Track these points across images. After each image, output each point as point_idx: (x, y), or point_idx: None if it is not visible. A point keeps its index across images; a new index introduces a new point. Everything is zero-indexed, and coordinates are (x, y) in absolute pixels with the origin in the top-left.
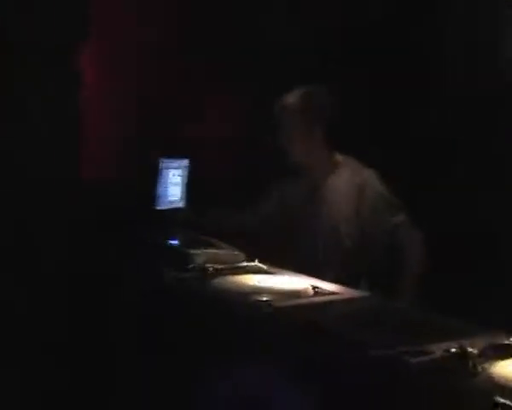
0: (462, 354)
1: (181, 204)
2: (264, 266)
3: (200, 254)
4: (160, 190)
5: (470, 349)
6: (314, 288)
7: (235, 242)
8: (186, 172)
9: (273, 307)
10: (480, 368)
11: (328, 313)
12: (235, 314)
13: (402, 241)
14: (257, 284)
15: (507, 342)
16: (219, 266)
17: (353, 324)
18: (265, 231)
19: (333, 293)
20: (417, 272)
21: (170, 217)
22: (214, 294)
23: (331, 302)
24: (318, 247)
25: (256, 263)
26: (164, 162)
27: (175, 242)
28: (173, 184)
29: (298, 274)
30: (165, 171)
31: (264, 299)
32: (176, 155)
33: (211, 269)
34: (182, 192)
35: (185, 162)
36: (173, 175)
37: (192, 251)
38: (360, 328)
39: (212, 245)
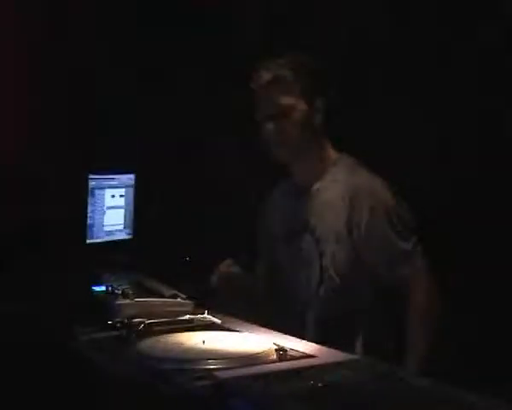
0: None
1: (125, 234)
2: (217, 320)
3: (130, 306)
4: (91, 216)
5: None
6: (279, 350)
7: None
8: (132, 192)
9: (217, 380)
10: None
11: (292, 387)
12: (163, 391)
13: (408, 280)
14: (201, 345)
15: None
16: (155, 321)
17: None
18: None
19: (304, 356)
20: (427, 340)
21: (106, 253)
22: (136, 361)
23: (298, 371)
24: (299, 284)
25: (206, 315)
26: (96, 180)
27: (100, 288)
28: (112, 209)
29: (262, 330)
30: (98, 191)
31: (206, 367)
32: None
33: (142, 326)
34: (126, 218)
35: (130, 178)
36: (112, 196)
37: (118, 301)
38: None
39: (153, 292)
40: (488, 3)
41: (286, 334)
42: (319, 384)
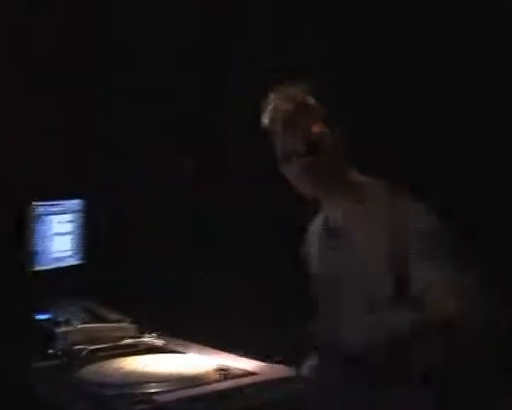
0: None
1: (74, 260)
2: (160, 343)
3: (73, 333)
4: (37, 244)
5: None
6: (221, 369)
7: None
8: (80, 217)
9: (156, 403)
10: None
11: (233, 405)
12: None
13: None
14: (142, 368)
15: None
16: (98, 347)
17: None
18: None
19: (246, 374)
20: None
21: (54, 280)
22: (76, 389)
23: (239, 389)
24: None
25: (149, 338)
26: (40, 207)
27: (44, 316)
28: (59, 235)
29: (207, 350)
30: (44, 218)
31: (146, 391)
32: (62, 196)
33: (84, 352)
34: (74, 245)
35: (76, 204)
36: (59, 223)
37: (60, 329)
38: None
39: (99, 319)
40: None
41: None
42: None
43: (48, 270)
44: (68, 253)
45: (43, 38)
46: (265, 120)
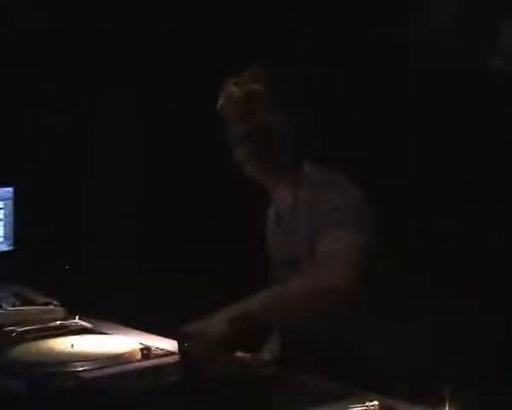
0: None
1: (6, 246)
2: (88, 324)
3: (3, 315)
4: None
5: None
6: (144, 349)
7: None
8: (11, 205)
9: (80, 379)
10: None
11: (143, 383)
12: (32, 392)
13: None
14: (70, 348)
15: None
16: (27, 329)
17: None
18: None
19: (167, 354)
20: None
21: None
22: (6, 368)
23: (157, 367)
24: None
25: (77, 320)
26: None
27: None
28: None
29: (131, 331)
30: None
31: (73, 369)
32: None
33: (14, 333)
34: (5, 231)
35: (8, 191)
36: None
37: None
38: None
39: (29, 301)
40: None
41: None
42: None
43: None
44: (1, 239)
45: None
46: (219, 104)
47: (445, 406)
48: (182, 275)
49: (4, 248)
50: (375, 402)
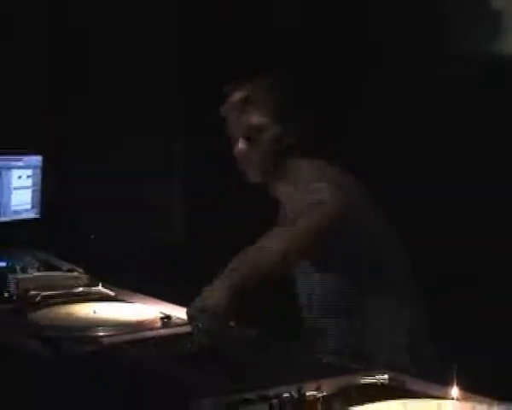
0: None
1: (33, 214)
2: (110, 292)
3: (27, 279)
4: None
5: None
6: (164, 317)
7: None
8: (40, 173)
9: (101, 344)
10: None
11: (163, 350)
12: (49, 357)
13: None
14: (92, 314)
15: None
16: (51, 293)
17: (184, 364)
18: None
19: (186, 324)
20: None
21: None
22: (27, 331)
23: (177, 336)
24: None
25: (100, 288)
26: (2, 161)
27: (1, 264)
28: (19, 189)
29: (153, 300)
30: (4, 171)
31: (93, 334)
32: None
33: (38, 297)
34: (33, 199)
35: (37, 160)
36: (19, 177)
37: (14, 275)
38: (190, 369)
39: (51, 267)
40: None
41: None
42: (195, 348)
43: (7, 222)
44: (27, 206)
45: None
46: (221, 110)
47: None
48: (207, 246)
49: (32, 215)
50: (385, 375)
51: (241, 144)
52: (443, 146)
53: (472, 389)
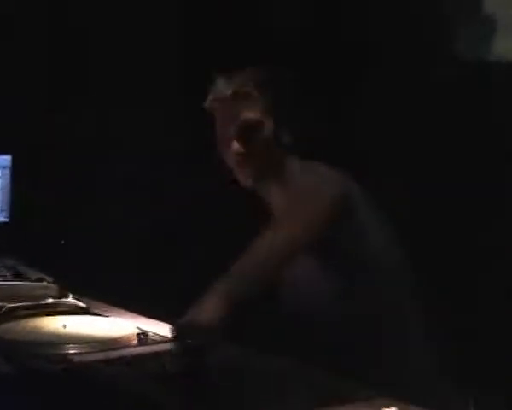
0: None
1: (1, 217)
2: (82, 304)
3: None
4: None
5: None
6: (141, 334)
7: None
8: (8, 174)
9: (71, 363)
10: None
11: (139, 370)
12: (18, 373)
13: None
14: (62, 329)
15: None
16: (17, 305)
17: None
18: None
19: (165, 340)
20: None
21: None
22: None
23: (155, 354)
24: None
25: (70, 299)
26: None
27: None
28: None
29: (128, 314)
30: None
31: (63, 352)
32: None
33: (3, 309)
34: (1, 202)
35: (5, 160)
36: None
37: None
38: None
39: (18, 275)
40: None
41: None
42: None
43: None
44: None
45: None
46: (207, 103)
47: None
48: (184, 256)
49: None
50: (393, 409)
51: (235, 145)
52: (442, 145)
53: None
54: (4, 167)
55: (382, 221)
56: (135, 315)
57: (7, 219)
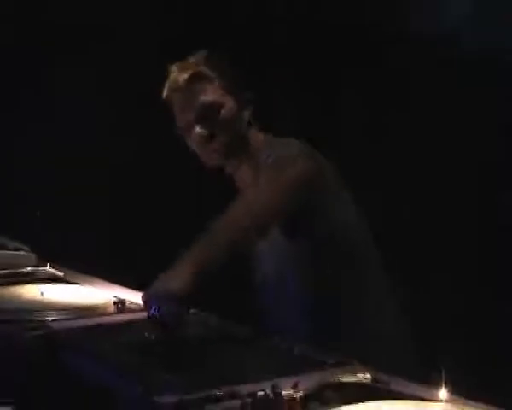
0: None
1: None
2: (60, 273)
3: None
4: None
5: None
6: (118, 302)
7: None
8: None
9: (49, 329)
10: None
11: (117, 338)
12: None
13: None
14: (39, 296)
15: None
16: None
17: (141, 354)
18: None
19: (141, 309)
20: None
21: None
22: None
23: (132, 322)
24: None
25: (48, 268)
26: None
27: None
28: None
29: (104, 283)
30: None
31: (42, 319)
32: None
33: None
34: None
35: None
36: None
37: None
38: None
39: None
40: None
41: None
42: (151, 336)
43: None
44: None
45: None
46: (164, 91)
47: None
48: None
49: None
50: (368, 375)
51: (198, 129)
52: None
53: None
54: None
55: (350, 199)
56: (111, 284)
57: None
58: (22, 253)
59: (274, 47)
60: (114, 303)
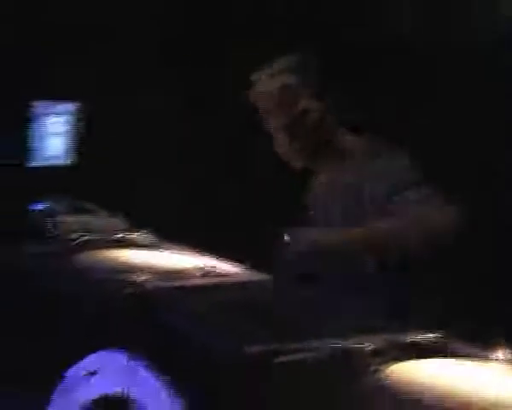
0: (347, 354)
1: (65, 160)
2: (152, 239)
3: (66, 222)
4: (33, 141)
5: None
6: (205, 267)
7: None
8: (74, 120)
9: (139, 288)
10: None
11: (201, 299)
12: (91, 296)
13: None
14: (131, 259)
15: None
16: (91, 237)
17: (224, 313)
18: None
19: (225, 275)
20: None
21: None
22: (70, 273)
23: (216, 286)
24: None
25: (141, 234)
26: (39, 107)
27: (39, 207)
28: (54, 135)
29: (194, 250)
30: (41, 117)
31: (135, 279)
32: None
33: (78, 241)
34: (66, 145)
35: (72, 107)
36: (54, 123)
37: (55, 218)
38: (229, 319)
39: (89, 212)
40: None
41: None
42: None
43: (42, 167)
44: (61, 152)
45: None
46: (252, 97)
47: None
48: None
49: (64, 162)
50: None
51: (285, 133)
52: None
53: None
54: (69, 114)
55: None
56: (199, 251)
57: (74, 162)
58: (116, 218)
59: None
60: (201, 268)
